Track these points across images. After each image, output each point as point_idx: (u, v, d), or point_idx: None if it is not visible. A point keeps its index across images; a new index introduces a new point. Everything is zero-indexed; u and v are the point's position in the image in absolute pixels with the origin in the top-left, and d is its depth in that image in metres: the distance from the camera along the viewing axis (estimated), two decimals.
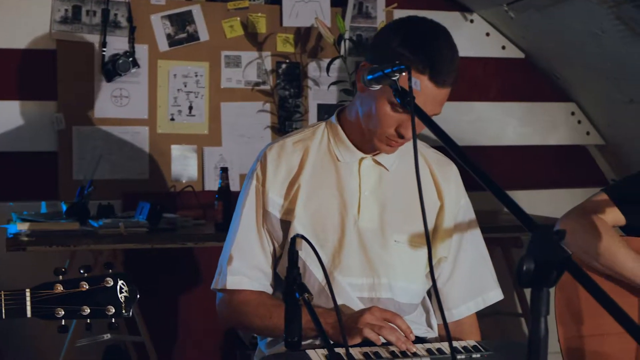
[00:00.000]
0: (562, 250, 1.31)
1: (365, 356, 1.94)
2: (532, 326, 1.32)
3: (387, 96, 2.01)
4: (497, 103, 4.52)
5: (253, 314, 2.18)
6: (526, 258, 1.31)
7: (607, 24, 3.67)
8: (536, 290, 1.32)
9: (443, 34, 2.08)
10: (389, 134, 2.08)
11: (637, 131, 4.30)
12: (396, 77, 1.78)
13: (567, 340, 2.36)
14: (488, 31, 4.46)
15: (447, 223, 2.26)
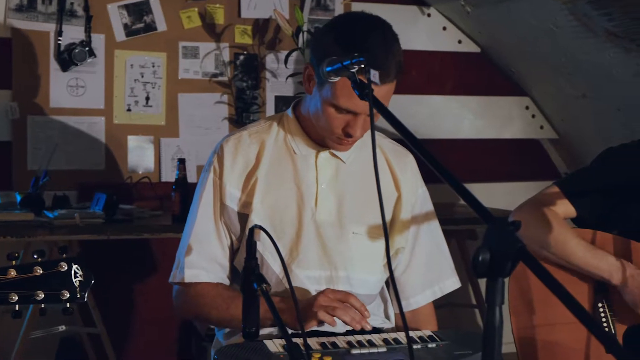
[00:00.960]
0: (517, 241, 1.33)
1: (322, 346, 1.96)
2: (487, 315, 1.34)
3: (329, 100, 2.03)
4: (453, 97, 4.56)
5: (210, 305, 2.18)
6: (482, 249, 1.33)
7: (561, 19, 3.72)
8: (491, 280, 1.34)
9: (378, 29, 2.07)
10: (337, 134, 2.09)
11: (589, 125, 4.38)
12: (354, 69, 1.79)
13: (520, 330, 2.40)
14: (445, 25, 4.50)
15: (404, 213, 2.28)
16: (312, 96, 2.13)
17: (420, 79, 4.48)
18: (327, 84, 2.03)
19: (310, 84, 2.13)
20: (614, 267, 2.28)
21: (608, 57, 3.73)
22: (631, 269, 2.28)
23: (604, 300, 2.35)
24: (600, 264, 2.30)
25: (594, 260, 2.31)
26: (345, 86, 1.96)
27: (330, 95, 2.04)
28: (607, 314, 2.34)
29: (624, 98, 3.92)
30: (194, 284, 2.20)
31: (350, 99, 2.00)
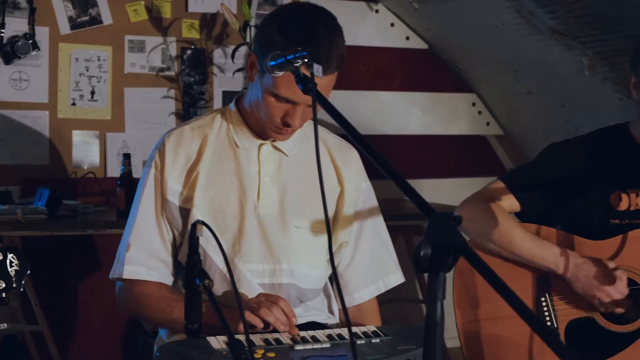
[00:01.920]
0: (458, 236, 1.33)
1: (265, 342, 1.95)
2: (428, 310, 1.34)
3: (269, 88, 2.03)
4: (400, 93, 4.58)
5: (154, 307, 2.16)
6: (423, 243, 1.33)
7: (507, 17, 3.75)
8: (433, 275, 1.34)
9: (322, 20, 2.08)
10: (276, 123, 2.09)
11: (534, 122, 4.43)
12: (298, 63, 1.78)
13: (464, 325, 2.41)
14: (393, 21, 4.51)
15: (347, 208, 2.28)
16: (254, 84, 2.13)
17: (368, 75, 4.49)
18: (268, 72, 2.02)
19: (253, 71, 2.13)
20: (558, 257, 2.31)
21: (552, 55, 3.77)
22: (575, 258, 2.30)
23: (546, 295, 2.37)
24: (545, 254, 2.32)
25: (539, 251, 2.33)
26: (286, 75, 1.96)
27: (270, 84, 2.04)
28: (549, 308, 2.36)
29: (568, 95, 3.97)
30: (137, 282, 2.18)
31: (290, 88, 2.00)
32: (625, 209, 2.36)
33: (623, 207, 2.36)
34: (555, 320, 2.35)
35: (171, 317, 2.12)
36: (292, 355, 1.88)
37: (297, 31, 2.03)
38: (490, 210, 2.38)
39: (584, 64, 3.67)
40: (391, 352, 1.93)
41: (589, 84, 3.73)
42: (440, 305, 1.36)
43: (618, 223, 2.36)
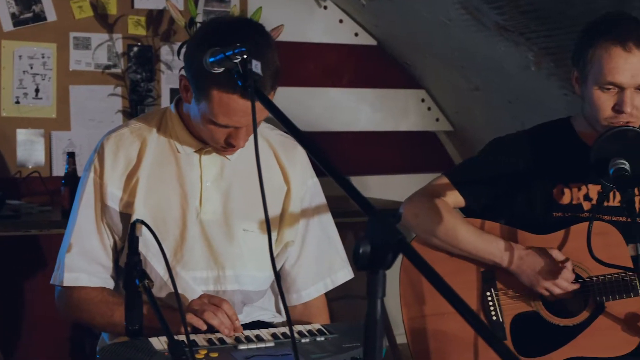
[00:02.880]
0: (397, 233, 1.32)
1: (209, 342, 1.93)
2: (368, 308, 1.34)
3: (207, 116, 1.99)
4: (350, 89, 4.57)
5: (95, 311, 2.13)
6: (362, 241, 1.32)
7: (453, 13, 3.77)
8: (372, 272, 1.34)
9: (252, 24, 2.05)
10: (220, 145, 2.06)
11: (482, 118, 4.46)
12: (237, 59, 1.75)
13: (411, 321, 2.41)
14: (341, 18, 4.50)
15: (294, 206, 2.26)
16: (192, 106, 2.06)
17: (317, 71, 4.48)
18: (203, 100, 1.98)
19: (188, 94, 2.06)
20: (503, 250, 2.32)
21: (499, 51, 3.79)
22: (520, 250, 2.31)
23: (491, 289, 2.38)
24: (490, 248, 2.33)
25: (483, 244, 2.34)
26: (222, 103, 1.93)
27: (207, 112, 1.98)
28: (495, 302, 2.37)
29: (515, 91, 4.00)
30: (77, 288, 2.14)
31: (228, 115, 1.97)
32: (568, 202, 2.38)
33: (565, 200, 2.38)
34: (501, 315, 2.37)
35: (112, 320, 2.09)
36: (235, 355, 1.86)
37: (232, 34, 1.95)
38: (434, 206, 2.38)
39: (530, 59, 3.69)
40: (336, 350, 1.92)
41: (535, 79, 3.76)
42: (380, 302, 1.35)
43: (561, 216, 2.38)
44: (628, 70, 2.19)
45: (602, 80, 2.23)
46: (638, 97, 2.23)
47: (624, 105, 2.21)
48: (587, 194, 2.38)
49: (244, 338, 1.96)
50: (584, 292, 2.32)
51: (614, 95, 2.23)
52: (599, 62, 2.23)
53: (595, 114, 2.28)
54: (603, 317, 2.31)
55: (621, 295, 2.29)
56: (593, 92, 2.26)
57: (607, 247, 2.27)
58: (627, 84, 2.20)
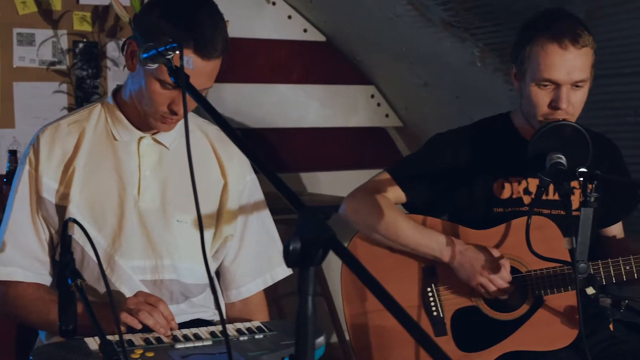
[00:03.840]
0: (327, 229, 1.32)
1: (145, 341, 1.91)
2: (299, 305, 1.33)
3: (155, 74, 1.99)
4: (299, 85, 4.55)
5: (30, 309, 2.10)
6: (293, 238, 1.31)
7: (400, 9, 3.77)
8: (303, 269, 1.33)
9: (204, 5, 2.05)
10: (162, 112, 2.05)
11: (431, 113, 4.47)
12: (170, 55, 1.75)
13: (353, 317, 2.41)
14: (290, 14, 4.48)
15: (232, 201, 2.25)
16: (136, 73, 2.07)
17: (266, 67, 4.45)
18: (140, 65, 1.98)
19: (134, 60, 2.06)
20: (443, 244, 2.33)
21: (446, 47, 3.81)
22: (460, 245, 2.33)
23: (432, 285, 2.39)
24: (430, 242, 2.34)
25: (424, 239, 2.35)
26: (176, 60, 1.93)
27: (155, 70, 1.97)
28: (435, 297, 2.38)
29: (462, 86, 4.02)
30: (12, 284, 2.11)
31: None
32: (508, 197, 2.40)
33: (505, 195, 2.40)
34: (441, 310, 2.38)
35: (48, 318, 2.05)
36: (171, 355, 1.85)
37: (180, 16, 2.00)
38: (376, 202, 2.39)
39: (476, 55, 3.71)
40: (274, 347, 1.91)
41: (481, 75, 3.78)
42: (311, 299, 1.35)
43: (501, 211, 2.40)
44: (564, 67, 2.22)
45: (538, 77, 2.25)
46: (574, 94, 2.25)
47: (560, 102, 2.23)
48: (527, 187, 2.40)
49: (181, 337, 1.95)
50: (523, 286, 2.34)
51: (551, 91, 2.26)
52: (536, 59, 2.25)
53: (532, 110, 2.30)
54: (542, 310, 2.33)
55: (559, 289, 2.31)
56: (530, 88, 2.28)
57: (546, 240, 2.29)
58: (563, 81, 2.23)
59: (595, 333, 2.43)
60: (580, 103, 2.28)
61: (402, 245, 2.37)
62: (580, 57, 2.23)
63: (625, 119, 3.24)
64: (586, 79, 2.26)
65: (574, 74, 2.22)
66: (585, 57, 2.24)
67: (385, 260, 2.40)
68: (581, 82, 2.25)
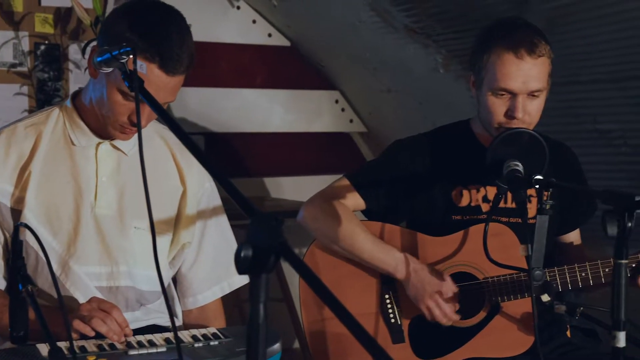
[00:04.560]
0: (279, 236, 1.31)
1: (99, 348, 1.89)
2: (250, 312, 1.32)
3: (117, 84, 1.97)
4: (263, 90, 4.54)
5: None
6: (244, 244, 1.30)
7: (364, 14, 3.78)
8: (255, 276, 1.32)
9: (174, 20, 2.04)
10: (121, 122, 2.03)
11: (395, 119, 4.48)
12: (124, 59, 1.74)
13: (310, 324, 2.41)
14: (254, 18, 4.47)
15: (190, 208, 2.24)
16: (98, 80, 2.05)
17: (230, 72, 4.43)
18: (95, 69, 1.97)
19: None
20: (399, 261, 2.33)
21: (409, 53, 3.81)
22: (415, 263, 2.32)
23: (390, 292, 2.39)
24: (385, 258, 2.34)
25: (379, 254, 2.35)
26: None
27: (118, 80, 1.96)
28: (393, 305, 2.38)
29: (425, 92, 4.03)
30: None
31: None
32: (466, 205, 2.41)
33: (464, 203, 2.41)
34: (399, 317, 2.38)
35: (1, 323, 2.02)
36: None
37: (148, 29, 1.99)
38: (334, 210, 2.38)
39: (439, 62, 3.73)
40: (229, 354, 1.91)
41: (444, 81, 3.79)
42: (262, 307, 1.34)
43: (459, 219, 2.40)
44: (520, 77, 2.23)
45: (495, 86, 2.26)
46: (530, 103, 2.26)
47: (516, 111, 2.24)
48: (486, 195, 2.41)
49: (135, 343, 1.93)
50: (481, 293, 2.35)
51: (507, 101, 2.27)
52: (493, 68, 2.26)
53: (489, 118, 2.31)
54: (499, 317, 2.34)
55: (516, 296, 2.32)
56: (487, 97, 2.29)
57: (503, 248, 2.30)
58: (518, 90, 2.24)
59: (553, 339, 2.44)
60: (537, 112, 2.29)
61: (357, 257, 2.37)
62: (537, 67, 2.24)
63: (584, 126, 3.27)
64: (542, 89, 2.27)
65: (530, 84, 2.23)
66: (541, 66, 2.25)
67: (343, 267, 2.40)
68: (537, 92, 2.26)
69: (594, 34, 2.95)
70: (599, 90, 3.14)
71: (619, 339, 1.72)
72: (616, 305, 1.71)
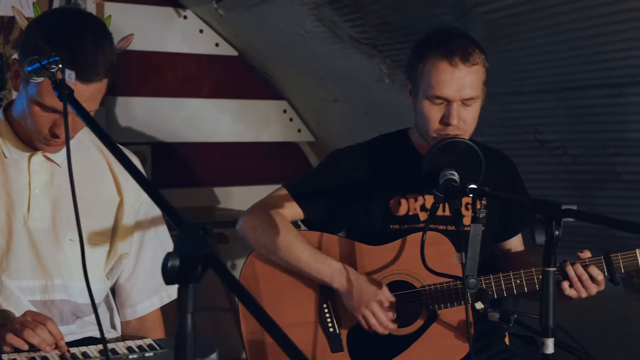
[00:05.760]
0: (206, 246, 1.31)
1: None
2: (178, 323, 1.32)
3: (34, 97, 1.96)
4: (210, 100, 4.52)
5: None
6: (171, 254, 1.30)
7: (309, 25, 3.78)
8: (182, 286, 1.32)
9: (89, 27, 2.02)
10: (44, 134, 2.02)
11: (342, 129, 4.49)
12: (53, 69, 1.73)
13: (249, 334, 2.40)
14: (202, 28, 4.45)
15: (127, 218, 2.22)
16: (20, 94, 2.04)
17: (177, 81, 4.41)
18: (32, 82, 1.95)
19: (18, 80, 2.04)
20: (335, 271, 2.34)
21: (355, 63, 3.83)
22: (352, 273, 2.33)
23: (329, 301, 2.39)
24: (322, 268, 2.35)
25: (317, 264, 2.35)
26: (49, 84, 1.89)
27: (35, 93, 1.96)
28: (332, 314, 2.39)
29: (371, 102, 4.05)
30: None
31: (55, 97, 1.93)
32: (404, 214, 2.42)
33: (402, 212, 2.42)
34: (338, 326, 2.38)
35: None
36: None
37: (61, 38, 1.97)
38: (272, 220, 2.38)
39: (384, 72, 3.75)
40: None
41: (390, 91, 3.81)
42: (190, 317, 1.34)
43: (397, 228, 2.42)
44: (454, 85, 2.26)
45: (430, 94, 2.28)
46: (464, 111, 2.29)
47: (451, 118, 2.27)
48: (424, 204, 2.43)
49: (69, 356, 1.91)
50: (418, 301, 2.36)
51: (442, 108, 2.30)
52: (428, 76, 2.29)
53: (425, 125, 2.33)
54: (436, 325, 2.35)
55: (452, 304, 2.34)
56: (423, 104, 2.31)
57: (440, 256, 2.32)
58: (453, 98, 2.26)
59: (490, 346, 2.46)
60: (472, 119, 2.32)
61: (296, 268, 2.38)
62: (470, 75, 2.27)
63: (526, 136, 3.31)
64: (476, 97, 2.30)
65: (464, 91, 2.26)
66: (475, 74, 2.28)
67: (282, 277, 2.40)
68: (471, 99, 2.29)
69: (533, 45, 2.99)
70: (540, 100, 3.18)
71: (548, 346, 1.74)
72: (544, 313, 1.73)
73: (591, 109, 3.02)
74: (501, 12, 2.93)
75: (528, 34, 2.97)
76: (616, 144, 3.01)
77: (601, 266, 2.28)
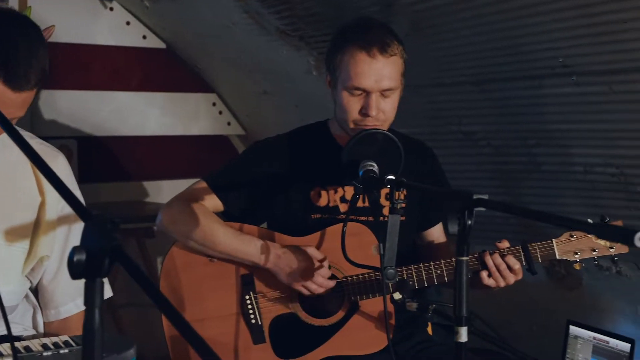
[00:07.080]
0: (112, 239, 1.29)
1: None
2: (85, 318, 1.30)
3: None
4: (138, 93, 4.47)
5: None
6: (77, 248, 1.28)
7: (237, 17, 3.76)
8: (90, 281, 1.30)
9: (22, 30, 1.97)
10: None
11: (273, 121, 4.48)
12: None
13: (171, 328, 2.38)
14: (129, 20, 4.40)
15: (49, 218, 2.18)
16: None
17: (104, 74, 4.35)
18: None
19: None
20: (260, 250, 2.33)
21: (283, 55, 3.82)
22: (277, 249, 2.33)
23: (250, 293, 2.38)
24: (247, 248, 2.34)
25: (241, 245, 2.34)
26: None
27: None
28: (253, 305, 2.38)
29: (300, 94, 4.05)
30: None
31: None
32: (325, 205, 2.43)
33: (322, 203, 2.43)
34: (260, 318, 2.37)
35: None
36: None
37: None
38: (192, 210, 2.37)
39: (311, 64, 3.75)
40: None
41: (318, 83, 3.81)
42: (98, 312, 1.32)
43: (319, 218, 2.42)
44: (372, 76, 2.26)
45: (349, 85, 2.29)
46: (383, 101, 2.30)
47: (369, 109, 2.27)
48: (344, 195, 2.44)
49: None
50: (340, 292, 2.37)
51: (361, 99, 2.30)
52: (346, 67, 2.29)
53: (344, 116, 2.34)
54: (357, 316, 2.36)
55: (374, 294, 2.35)
56: (342, 95, 2.32)
57: (361, 247, 2.33)
58: (371, 89, 2.27)
59: (412, 336, 2.48)
60: (390, 110, 2.33)
61: (220, 253, 2.36)
62: (389, 66, 2.28)
63: (450, 127, 3.34)
64: (395, 88, 2.31)
65: (382, 82, 2.27)
66: (393, 65, 2.29)
67: (203, 269, 2.38)
68: (389, 90, 2.30)
69: (457, 36, 3.01)
70: (463, 92, 3.22)
71: (461, 334, 1.76)
72: (458, 302, 1.75)
73: (512, 101, 3.06)
74: (426, 3, 2.95)
75: (452, 25, 2.99)
76: (537, 135, 3.06)
77: (519, 256, 2.31)
